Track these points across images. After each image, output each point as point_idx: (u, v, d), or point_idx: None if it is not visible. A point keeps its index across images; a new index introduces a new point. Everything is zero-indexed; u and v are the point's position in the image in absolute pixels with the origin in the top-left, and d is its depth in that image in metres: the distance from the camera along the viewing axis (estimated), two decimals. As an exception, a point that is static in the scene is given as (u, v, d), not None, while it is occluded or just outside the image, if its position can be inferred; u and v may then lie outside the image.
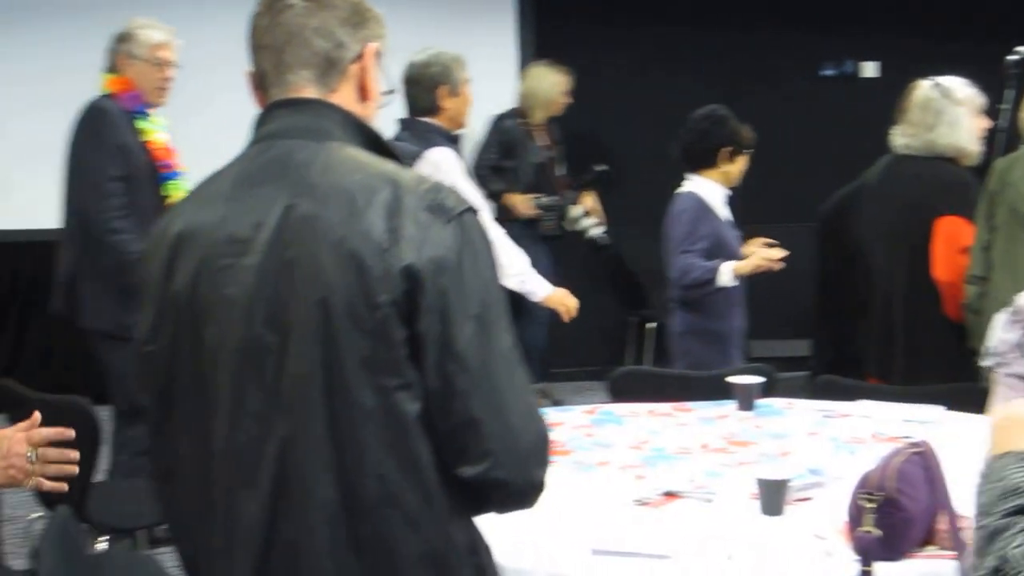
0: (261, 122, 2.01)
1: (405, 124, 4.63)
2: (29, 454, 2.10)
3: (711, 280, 4.74)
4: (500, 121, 7.25)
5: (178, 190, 4.92)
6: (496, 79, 7.28)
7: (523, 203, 7.17)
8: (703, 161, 4.89)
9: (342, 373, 1.82)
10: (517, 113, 7.26)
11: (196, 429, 1.94)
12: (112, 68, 4.98)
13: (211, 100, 6.39)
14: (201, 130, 5.94)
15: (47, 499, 3.92)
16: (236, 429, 1.89)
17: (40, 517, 4.25)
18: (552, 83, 7.21)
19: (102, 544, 4.02)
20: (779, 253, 4.81)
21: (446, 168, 4.44)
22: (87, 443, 3.82)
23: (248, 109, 2.06)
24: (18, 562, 4.12)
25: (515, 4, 7.96)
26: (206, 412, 1.92)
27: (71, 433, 2.16)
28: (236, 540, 1.90)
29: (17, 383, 4.07)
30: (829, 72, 8.21)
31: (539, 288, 4.75)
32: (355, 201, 1.85)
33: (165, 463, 2.01)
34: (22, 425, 2.12)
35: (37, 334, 7.60)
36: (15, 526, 4.75)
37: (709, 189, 4.89)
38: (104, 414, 4.04)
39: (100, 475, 4.24)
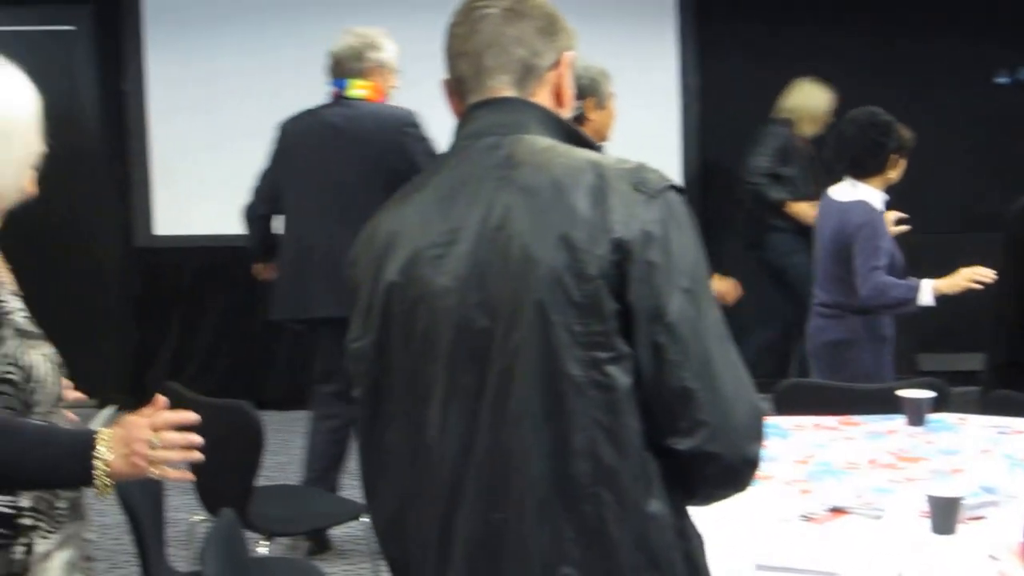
0: (463, 124, 2.06)
1: None
2: (152, 440, 2.07)
3: (912, 300, 4.61)
4: (774, 127, 7.18)
5: None
6: (655, 87, 7.22)
7: (812, 211, 7.06)
8: (873, 168, 4.76)
9: (553, 349, 1.84)
10: (786, 124, 7.20)
11: (409, 421, 1.98)
12: (359, 74, 5.07)
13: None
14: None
15: (209, 502, 3.98)
16: (451, 415, 1.92)
17: (202, 520, 4.31)
18: (820, 99, 7.18)
19: (262, 548, 4.05)
20: (988, 273, 4.64)
21: None
22: (249, 447, 3.87)
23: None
24: (180, 564, 4.17)
25: (676, 11, 7.88)
26: (419, 402, 1.96)
27: (194, 416, 2.14)
28: (450, 529, 1.93)
29: (181, 387, 4.13)
30: (1003, 80, 7.97)
31: None
32: (560, 184, 1.89)
33: (377, 458, 2.05)
34: (145, 411, 2.11)
35: (201, 339, 7.76)
36: (177, 528, 4.84)
37: (875, 196, 4.76)
38: (266, 418, 4.07)
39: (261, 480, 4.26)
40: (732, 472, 1.90)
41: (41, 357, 2.25)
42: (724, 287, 5.33)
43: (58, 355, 2.32)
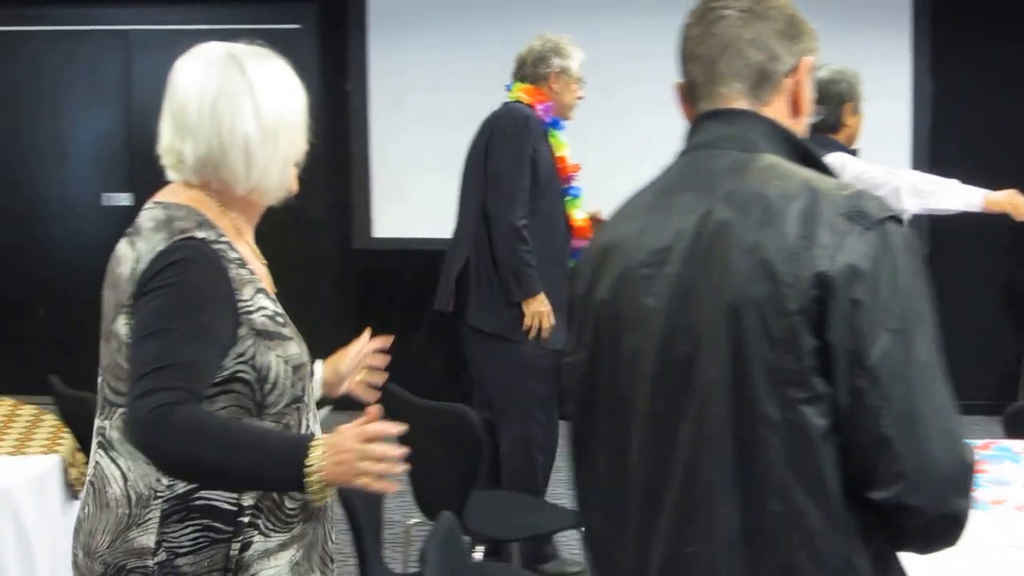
0: (691, 133, 1.99)
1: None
2: (362, 451, 2.08)
3: None
4: None
5: (576, 207, 4.98)
6: (887, 91, 7.00)
7: None
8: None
9: (749, 383, 1.76)
10: None
11: (613, 442, 1.94)
12: (530, 78, 5.00)
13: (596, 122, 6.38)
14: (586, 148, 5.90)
15: (426, 505, 3.95)
16: (649, 441, 1.87)
17: (416, 523, 4.30)
18: None
19: (477, 554, 4.00)
20: None
21: (852, 169, 4.30)
22: (468, 452, 3.82)
23: (626, 127, 1.98)
24: (395, 566, 4.15)
25: (911, 15, 7.62)
26: (623, 425, 1.91)
27: (401, 428, 2.15)
28: (646, 557, 1.89)
29: (398, 387, 4.11)
30: None
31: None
32: (771, 208, 1.79)
33: (586, 475, 2.03)
34: (358, 421, 2.12)
35: (415, 341, 7.80)
36: (392, 531, 4.83)
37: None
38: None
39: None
40: (934, 527, 1.77)
41: (278, 359, 2.23)
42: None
43: (302, 358, 2.31)
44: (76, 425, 3.98)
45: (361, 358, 2.70)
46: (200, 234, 2.19)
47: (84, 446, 3.81)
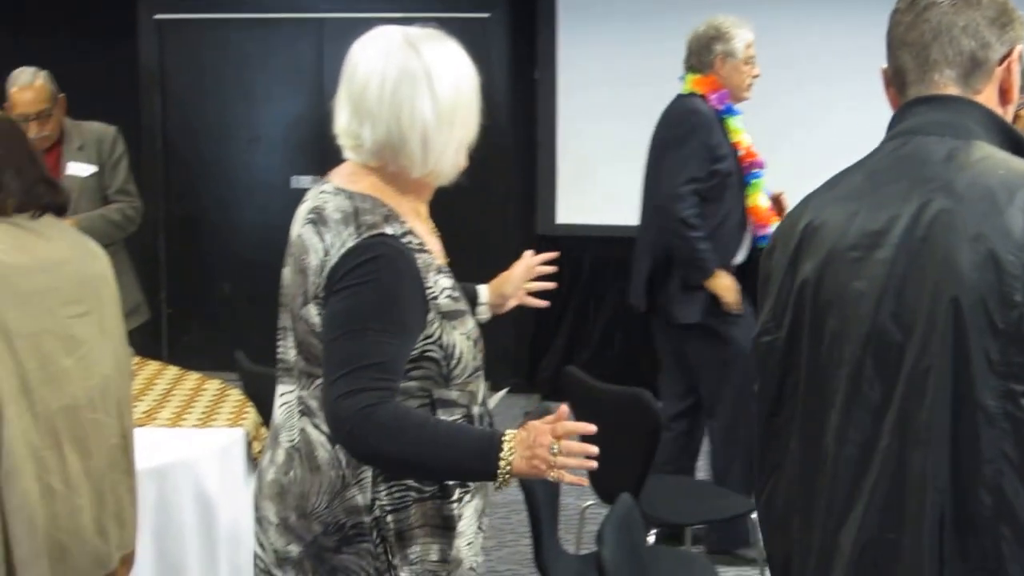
0: (898, 119, 1.99)
1: None
2: (553, 447, 2.16)
3: None
4: None
5: (759, 189, 4.93)
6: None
7: None
8: None
9: (968, 374, 1.74)
10: None
11: (808, 424, 1.93)
12: (698, 67, 4.95)
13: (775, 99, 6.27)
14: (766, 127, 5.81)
15: (601, 488, 3.93)
16: (849, 425, 1.86)
17: (590, 506, 4.29)
18: None
19: (650, 537, 3.97)
20: None
21: None
22: (647, 435, 3.79)
23: (810, 109, 1.94)
24: (568, 547, 4.15)
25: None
26: (820, 406, 1.90)
27: (592, 428, 2.22)
28: (836, 540, 1.88)
29: (579, 371, 4.11)
30: None
31: None
32: (995, 198, 1.78)
33: (773, 456, 2.02)
34: (549, 418, 2.19)
35: (595, 328, 7.78)
36: (565, 512, 4.83)
37: None
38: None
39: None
40: None
41: (461, 336, 2.32)
42: None
43: (477, 330, 2.39)
44: (260, 400, 4.06)
45: (527, 276, 2.89)
46: (388, 230, 2.23)
47: (267, 420, 3.89)
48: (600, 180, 7.55)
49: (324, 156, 8.68)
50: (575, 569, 3.56)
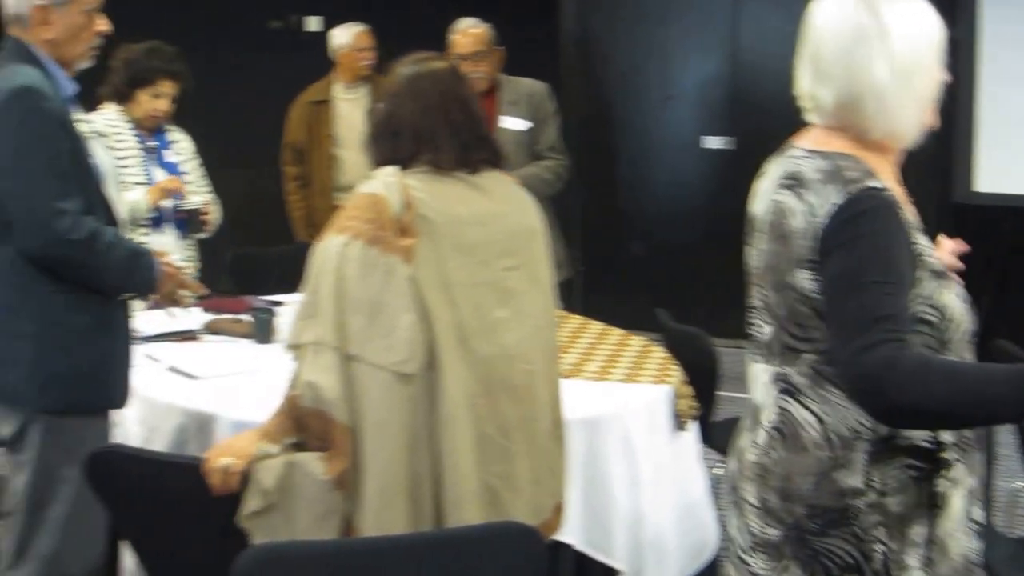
0: None
1: None
2: None
3: None
4: None
5: None
6: None
7: None
8: None
9: None
10: None
11: None
12: None
13: None
14: None
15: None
16: None
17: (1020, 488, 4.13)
18: None
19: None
20: None
21: None
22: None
23: None
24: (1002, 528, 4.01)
25: None
26: None
27: None
28: None
29: (1009, 343, 3.96)
30: None
31: None
32: None
33: None
34: None
35: (1014, 302, 7.44)
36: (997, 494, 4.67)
37: None
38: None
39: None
40: None
41: (954, 297, 2.23)
42: None
43: (965, 292, 2.29)
44: (682, 357, 4.09)
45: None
46: (873, 184, 2.17)
47: (693, 378, 3.91)
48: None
49: (736, 116, 8.76)
50: (1012, 551, 3.44)
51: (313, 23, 8.64)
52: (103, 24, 3.32)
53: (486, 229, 2.77)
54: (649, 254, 8.26)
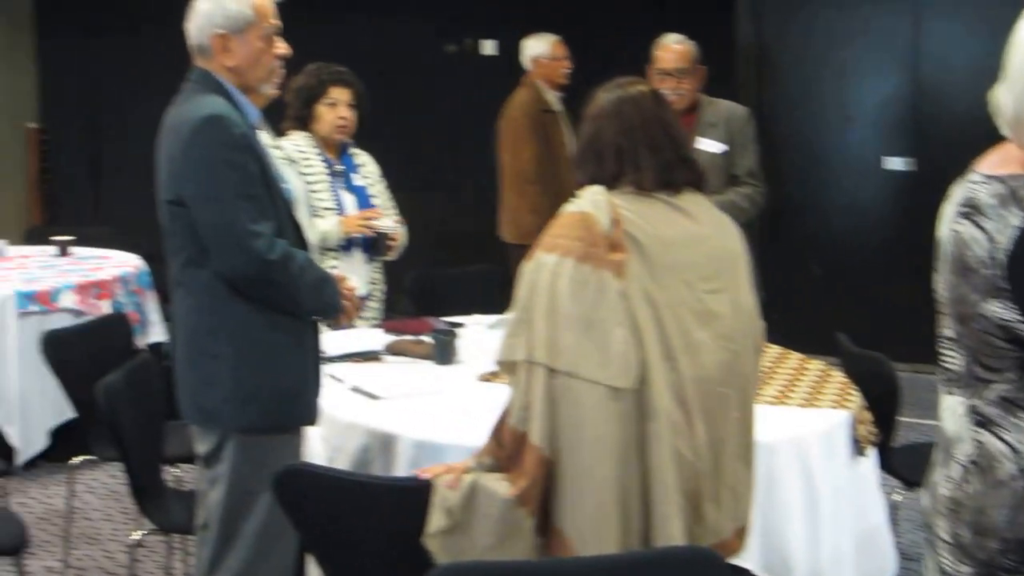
0: None
1: None
2: None
3: None
4: None
5: None
6: None
7: None
8: None
9: None
10: None
11: None
12: None
13: None
14: None
15: None
16: None
17: None
18: None
19: None
20: None
21: None
22: None
23: None
24: None
25: None
26: None
27: None
28: None
29: None
30: None
31: None
32: None
33: None
34: None
35: None
36: None
37: None
38: None
39: None
40: None
41: None
42: None
43: None
44: (862, 382, 4.04)
45: None
46: None
47: (872, 403, 3.86)
48: None
49: (918, 137, 8.52)
50: None
51: (488, 47, 8.76)
52: (282, 48, 3.43)
53: (690, 251, 2.80)
54: (828, 277, 8.15)
